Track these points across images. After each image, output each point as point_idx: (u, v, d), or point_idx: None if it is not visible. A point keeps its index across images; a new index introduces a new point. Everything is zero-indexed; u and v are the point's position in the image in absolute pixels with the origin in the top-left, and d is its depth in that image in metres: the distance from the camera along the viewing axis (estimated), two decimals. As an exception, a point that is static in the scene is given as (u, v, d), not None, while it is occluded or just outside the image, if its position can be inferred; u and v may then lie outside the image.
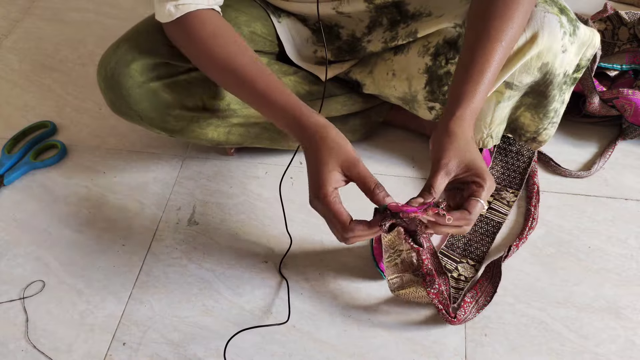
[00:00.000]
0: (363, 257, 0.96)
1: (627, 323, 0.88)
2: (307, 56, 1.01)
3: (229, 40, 0.81)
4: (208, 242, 0.99)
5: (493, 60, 0.75)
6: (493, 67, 0.75)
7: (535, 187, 1.03)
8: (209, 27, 0.81)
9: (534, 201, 1.02)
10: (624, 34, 1.20)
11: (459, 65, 0.78)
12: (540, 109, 0.94)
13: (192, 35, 0.81)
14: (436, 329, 0.88)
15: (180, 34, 0.83)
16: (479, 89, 0.75)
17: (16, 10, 1.47)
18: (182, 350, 0.86)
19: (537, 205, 1.01)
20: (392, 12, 0.95)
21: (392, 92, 1.01)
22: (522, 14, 0.77)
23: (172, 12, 0.81)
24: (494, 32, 0.76)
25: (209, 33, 0.81)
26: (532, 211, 1.00)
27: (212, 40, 0.81)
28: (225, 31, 0.82)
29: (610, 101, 1.09)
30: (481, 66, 0.75)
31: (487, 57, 0.75)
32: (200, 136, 0.97)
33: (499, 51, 0.75)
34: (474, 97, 0.74)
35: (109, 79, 0.88)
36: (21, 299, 0.92)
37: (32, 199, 1.05)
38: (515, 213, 1.02)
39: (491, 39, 0.75)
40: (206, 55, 0.82)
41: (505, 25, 0.76)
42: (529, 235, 0.97)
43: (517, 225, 1.00)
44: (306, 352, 0.86)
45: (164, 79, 0.88)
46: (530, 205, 1.01)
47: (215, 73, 0.83)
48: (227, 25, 0.83)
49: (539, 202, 1.02)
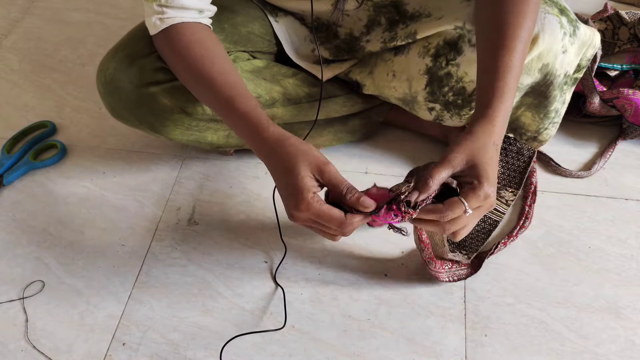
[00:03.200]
0: (363, 257, 0.96)
1: (627, 323, 0.88)
2: (306, 55, 1.01)
3: (203, 52, 0.82)
4: (208, 242, 0.99)
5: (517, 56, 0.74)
6: (518, 64, 0.74)
7: (532, 186, 1.03)
8: (186, 38, 0.82)
9: (529, 201, 1.02)
10: (624, 34, 1.20)
11: (480, 71, 0.76)
12: (541, 109, 0.95)
13: (170, 45, 0.83)
14: (436, 329, 0.88)
15: (163, 45, 0.84)
16: (508, 87, 0.73)
17: (16, 10, 1.46)
18: (181, 350, 0.86)
19: (532, 205, 1.01)
20: (390, 12, 0.95)
21: (392, 93, 1.01)
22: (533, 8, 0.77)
23: (157, 25, 0.82)
24: (512, 30, 0.75)
25: (184, 44, 0.82)
26: (527, 210, 1.00)
27: (186, 51, 0.82)
28: (202, 42, 0.83)
29: (610, 101, 1.09)
30: (506, 64, 0.73)
31: (510, 56, 0.74)
32: (200, 140, 0.97)
33: (519, 48, 0.74)
34: (503, 96, 0.72)
35: (108, 84, 0.88)
36: (21, 299, 0.92)
37: (32, 199, 1.05)
38: (510, 212, 1.02)
39: (510, 37, 0.74)
40: (181, 66, 0.83)
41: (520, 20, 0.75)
42: (519, 234, 0.97)
43: (511, 224, 1.00)
44: (306, 352, 0.86)
45: (162, 84, 0.88)
46: (525, 205, 1.01)
47: (189, 83, 0.84)
48: (208, 37, 0.84)
49: (534, 202, 1.02)
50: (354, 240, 0.98)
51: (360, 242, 0.98)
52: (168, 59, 0.85)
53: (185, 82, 0.85)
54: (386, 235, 0.99)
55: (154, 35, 0.84)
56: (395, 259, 0.96)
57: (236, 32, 0.94)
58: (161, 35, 0.83)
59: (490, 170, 0.69)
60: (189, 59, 0.81)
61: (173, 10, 0.81)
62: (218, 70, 0.80)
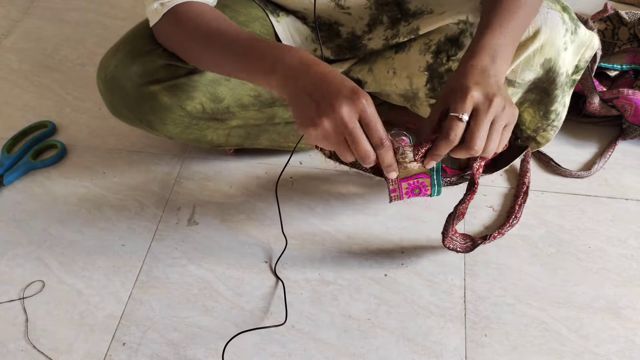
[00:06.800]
0: (363, 257, 0.96)
1: (627, 323, 0.88)
2: (307, 55, 1.01)
3: (216, 14, 0.81)
4: (208, 242, 0.99)
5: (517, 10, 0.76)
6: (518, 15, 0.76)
7: (525, 186, 1.04)
8: (194, 9, 0.81)
9: (520, 200, 1.02)
10: (624, 34, 1.20)
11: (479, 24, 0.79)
12: (542, 106, 0.95)
13: (178, 20, 0.81)
14: (436, 329, 0.88)
15: (168, 27, 0.83)
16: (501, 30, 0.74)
17: (16, 10, 1.46)
18: (181, 350, 0.86)
19: (522, 205, 1.02)
20: (392, 10, 0.95)
21: (393, 90, 1.01)
22: None
23: (158, 10, 0.81)
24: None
25: (193, 15, 0.80)
26: (516, 209, 1.01)
27: (195, 19, 0.80)
28: (212, 12, 0.81)
29: (610, 101, 1.09)
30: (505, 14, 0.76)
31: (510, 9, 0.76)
32: (200, 138, 0.97)
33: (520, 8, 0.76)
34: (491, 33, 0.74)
35: (108, 82, 0.88)
36: (21, 299, 0.92)
37: (32, 199, 1.05)
38: (501, 206, 1.02)
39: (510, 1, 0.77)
40: (190, 35, 0.81)
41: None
42: (506, 232, 0.98)
43: (500, 220, 1.01)
44: (306, 352, 0.86)
45: (163, 82, 0.88)
46: (515, 204, 1.02)
47: (199, 48, 0.81)
48: (217, 11, 0.83)
49: (525, 202, 1.02)
50: (354, 240, 0.98)
51: (360, 242, 0.98)
52: (173, 36, 0.83)
53: (192, 50, 0.82)
54: (386, 236, 0.99)
55: (155, 23, 0.83)
56: (395, 259, 0.96)
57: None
58: (165, 18, 0.82)
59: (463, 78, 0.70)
60: (201, 23, 0.79)
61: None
62: (234, 27, 0.79)
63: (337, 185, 1.06)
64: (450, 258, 0.96)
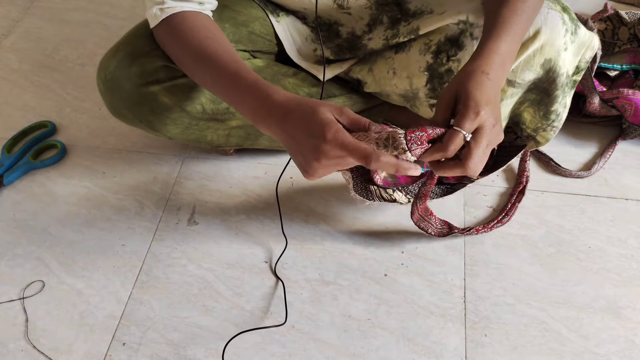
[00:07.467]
0: (363, 257, 0.96)
1: (627, 323, 0.88)
2: (307, 55, 1.01)
3: (207, 34, 0.81)
4: (208, 242, 0.99)
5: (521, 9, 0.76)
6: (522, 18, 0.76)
7: (521, 185, 1.04)
8: (188, 23, 0.82)
9: (514, 199, 1.02)
10: (624, 34, 1.20)
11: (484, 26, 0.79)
12: (542, 106, 0.94)
13: (172, 31, 0.82)
14: (436, 329, 0.88)
15: (164, 35, 0.84)
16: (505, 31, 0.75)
17: (16, 10, 1.46)
18: (182, 350, 0.86)
19: (516, 204, 1.02)
20: (392, 10, 0.95)
21: (393, 90, 1.01)
22: None
23: (157, 15, 0.82)
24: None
25: (187, 28, 0.82)
26: (508, 207, 1.01)
27: (189, 33, 0.81)
28: (206, 27, 0.82)
29: (610, 101, 1.09)
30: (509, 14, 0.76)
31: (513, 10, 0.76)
32: (200, 139, 0.97)
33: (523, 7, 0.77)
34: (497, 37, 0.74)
35: (108, 82, 0.88)
36: (21, 299, 0.92)
37: (32, 199, 1.05)
38: (497, 201, 1.02)
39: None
40: (182, 49, 0.82)
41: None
42: (495, 227, 0.99)
43: (493, 215, 1.01)
44: (306, 352, 0.86)
45: (163, 83, 0.88)
46: (509, 202, 1.02)
47: (189, 64, 0.83)
48: (211, 24, 0.84)
49: (519, 201, 1.02)
50: (354, 240, 0.98)
51: (360, 242, 0.98)
52: (168, 46, 0.84)
53: (185, 65, 0.84)
54: (386, 236, 0.99)
55: (154, 27, 0.84)
56: (395, 259, 0.96)
57: (237, 31, 0.94)
58: (162, 24, 0.83)
59: (477, 92, 0.70)
60: (193, 41, 0.81)
61: (174, 1, 0.82)
62: (223, 49, 0.80)
63: (337, 186, 1.06)
64: (450, 258, 0.96)
